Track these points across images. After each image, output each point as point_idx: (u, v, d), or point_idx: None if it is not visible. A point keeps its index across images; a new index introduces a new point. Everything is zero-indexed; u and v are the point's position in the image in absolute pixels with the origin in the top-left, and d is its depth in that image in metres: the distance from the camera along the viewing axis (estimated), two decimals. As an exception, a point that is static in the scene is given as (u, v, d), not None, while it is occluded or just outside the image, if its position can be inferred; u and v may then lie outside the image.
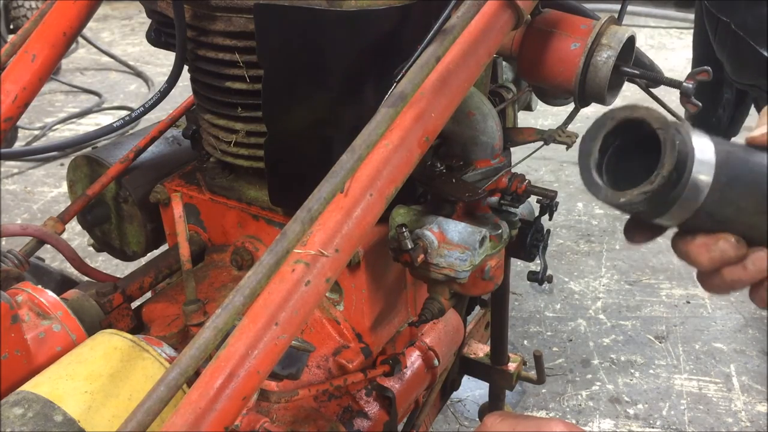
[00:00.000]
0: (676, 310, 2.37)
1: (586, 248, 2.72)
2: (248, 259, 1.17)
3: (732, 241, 0.68)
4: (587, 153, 0.68)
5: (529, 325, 2.33)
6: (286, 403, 1.01)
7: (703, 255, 0.70)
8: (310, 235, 0.70)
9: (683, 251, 0.72)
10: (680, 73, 2.61)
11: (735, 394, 2.03)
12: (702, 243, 0.69)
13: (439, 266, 0.95)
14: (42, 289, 0.95)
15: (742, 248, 0.69)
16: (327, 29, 0.93)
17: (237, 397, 0.63)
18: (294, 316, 0.67)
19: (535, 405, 2.03)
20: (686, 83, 1.01)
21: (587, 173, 0.67)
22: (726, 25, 2.05)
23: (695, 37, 2.54)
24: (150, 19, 1.21)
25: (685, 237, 0.71)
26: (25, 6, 4.28)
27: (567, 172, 3.25)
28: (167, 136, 1.36)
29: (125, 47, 5.26)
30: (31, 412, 0.74)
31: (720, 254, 0.69)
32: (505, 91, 1.29)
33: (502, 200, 1.06)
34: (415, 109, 0.78)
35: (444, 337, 1.32)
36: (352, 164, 0.69)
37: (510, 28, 0.87)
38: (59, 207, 2.97)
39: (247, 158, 1.13)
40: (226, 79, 1.07)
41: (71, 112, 4.10)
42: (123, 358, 0.83)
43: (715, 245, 0.69)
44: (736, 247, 0.68)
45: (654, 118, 0.64)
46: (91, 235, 1.40)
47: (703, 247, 0.69)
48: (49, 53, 1.04)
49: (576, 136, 1.17)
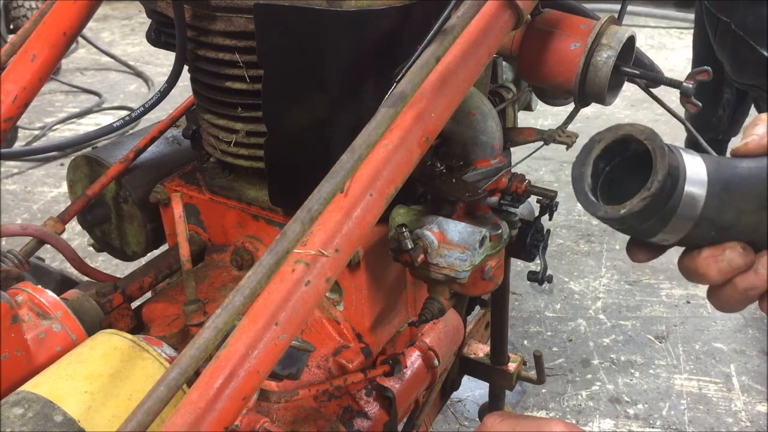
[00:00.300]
0: (676, 310, 2.37)
1: (586, 248, 2.72)
2: (248, 259, 1.17)
3: (738, 249, 0.67)
4: (580, 178, 0.69)
5: (529, 325, 2.33)
6: (286, 403, 1.01)
7: (712, 267, 0.68)
8: (310, 235, 0.70)
9: (691, 268, 0.70)
10: (680, 73, 2.61)
11: (735, 394, 2.03)
12: (708, 255, 0.68)
13: (439, 266, 0.95)
14: (42, 289, 0.95)
15: (750, 254, 0.68)
16: (327, 29, 0.93)
17: (237, 397, 0.63)
18: (294, 316, 0.67)
19: (535, 405, 2.03)
20: (686, 83, 1.01)
21: (583, 195, 0.69)
22: (726, 25, 2.05)
23: (695, 37, 2.55)
24: (150, 19, 1.20)
25: (691, 253, 0.70)
26: (25, 6, 4.29)
27: (567, 172, 3.24)
28: (167, 136, 1.36)
29: (125, 47, 5.26)
30: (31, 412, 0.74)
31: (728, 264, 0.68)
32: (505, 91, 1.29)
33: (502, 200, 1.06)
34: (415, 109, 0.78)
35: (444, 337, 1.32)
36: (352, 164, 0.69)
37: (510, 28, 0.87)
38: (59, 207, 2.97)
39: (247, 158, 1.13)
40: (226, 79, 1.07)
41: (71, 112, 4.10)
42: (123, 358, 0.83)
43: (722, 255, 0.68)
44: (743, 255, 0.67)
45: (639, 131, 0.66)
46: (91, 235, 1.40)
47: (710, 258, 0.68)
48: (49, 53, 1.04)
49: (576, 136, 1.17)
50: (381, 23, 0.94)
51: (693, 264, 0.70)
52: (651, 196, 0.63)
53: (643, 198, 0.64)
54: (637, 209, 0.64)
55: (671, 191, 0.65)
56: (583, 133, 1.01)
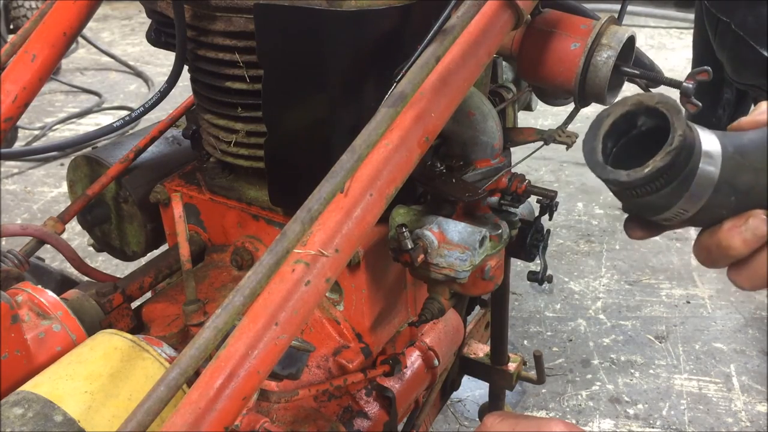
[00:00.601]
0: (676, 310, 2.37)
1: (586, 248, 2.72)
2: (248, 259, 1.17)
3: (762, 215, 0.64)
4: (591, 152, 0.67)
5: (529, 325, 2.33)
6: (286, 403, 1.01)
7: (736, 238, 0.65)
8: (310, 235, 0.70)
9: (713, 244, 0.67)
10: (680, 73, 2.61)
11: (735, 394, 2.03)
12: (731, 226, 0.66)
13: (439, 266, 0.95)
14: (42, 289, 0.95)
15: None
16: (327, 29, 0.93)
17: (237, 397, 0.63)
18: (294, 316, 0.67)
19: (535, 405, 2.03)
20: (686, 83, 1.01)
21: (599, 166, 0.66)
22: (726, 25, 2.05)
23: (695, 37, 2.55)
24: (150, 19, 1.21)
25: (711, 229, 0.68)
26: (25, 6, 4.29)
27: (567, 172, 3.25)
28: (167, 136, 1.36)
29: (125, 47, 5.26)
30: (31, 412, 0.74)
31: (752, 233, 0.65)
32: (505, 91, 1.29)
33: (502, 200, 1.06)
34: (415, 109, 0.78)
35: (444, 337, 1.32)
36: (352, 164, 0.69)
37: (510, 28, 0.87)
38: (59, 207, 2.97)
39: (247, 158, 1.13)
40: (226, 79, 1.07)
41: (71, 112, 4.10)
42: (123, 358, 0.83)
43: (745, 225, 0.65)
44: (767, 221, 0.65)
45: (649, 98, 0.65)
46: (91, 235, 1.40)
47: (733, 230, 0.65)
48: (49, 53, 1.04)
49: (576, 136, 1.17)
50: (381, 23, 0.94)
51: (715, 239, 0.67)
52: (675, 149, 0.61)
53: (667, 152, 0.61)
54: (661, 165, 0.62)
55: (690, 150, 0.63)
56: (583, 133, 1.00)
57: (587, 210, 2.97)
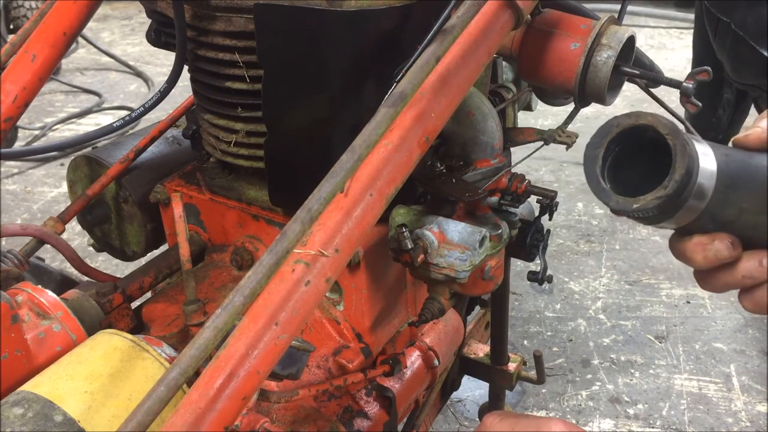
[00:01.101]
0: (676, 310, 2.37)
1: (586, 248, 2.72)
2: (248, 259, 1.17)
3: (727, 241, 0.70)
4: (592, 161, 0.68)
5: (529, 325, 2.33)
6: (286, 403, 1.01)
7: (699, 254, 0.72)
8: (310, 235, 0.70)
9: (680, 250, 0.74)
10: (680, 73, 2.62)
11: (735, 394, 2.03)
12: (698, 242, 0.71)
13: (439, 266, 0.95)
14: (42, 289, 0.95)
15: (737, 249, 0.71)
16: (327, 29, 0.93)
17: (237, 397, 0.63)
18: (294, 316, 0.67)
19: (535, 405, 2.03)
20: (686, 83, 1.01)
21: (594, 180, 0.68)
22: (726, 25, 2.05)
23: (695, 37, 2.54)
24: (150, 19, 1.20)
25: (683, 237, 0.73)
26: (25, 6, 4.29)
27: (567, 172, 3.25)
28: (167, 136, 1.36)
29: (125, 47, 5.26)
30: (31, 412, 0.74)
31: (714, 254, 0.71)
32: (505, 91, 1.29)
33: (502, 200, 1.06)
34: (415, 109, 0.78)
35: (444, 337, 1.32)
36: (352, 164, 0.69)
37: (510, 28, 0.87)
38: (59, 207, 2.97)
39: (247, 158, 1.13)
40: (226, 79, 1.07)
41: (71, 112, 4.10)
42: (123, 358, 0.83)
43: (710, 245, 0.71)
44: (730, 248, 0.70)
45: (662, 125, 0.65)
46: (91, 235, 1.40)
47: (699, 246, 0.71)
48: (49, 53, 1.04)
49: (576, 136, 1.17)
50: (381, 23, 0.94)
51: (682, 247, 0.73)
52: (666, 196, 0.63)
53: (658, 197, 0.64)
54: (650, 207, 0.64)
55: (684, 188, 0.64)
56: (583, 133, 1.01)
57: (587, 210, 2.97)
